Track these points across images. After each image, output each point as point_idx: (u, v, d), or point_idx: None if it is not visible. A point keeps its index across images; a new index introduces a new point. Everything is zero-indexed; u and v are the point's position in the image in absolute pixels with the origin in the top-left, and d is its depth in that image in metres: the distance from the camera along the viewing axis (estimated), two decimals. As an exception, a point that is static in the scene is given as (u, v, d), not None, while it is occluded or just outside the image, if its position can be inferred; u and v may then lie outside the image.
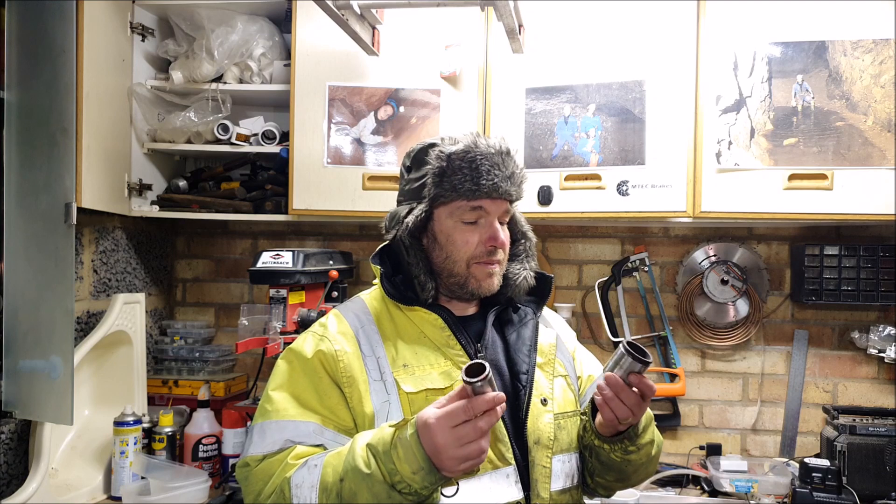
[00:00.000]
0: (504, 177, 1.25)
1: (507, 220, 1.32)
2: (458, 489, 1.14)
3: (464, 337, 1.26)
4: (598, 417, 1.22)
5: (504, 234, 1.29)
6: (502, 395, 1.03)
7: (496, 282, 1.28)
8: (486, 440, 1.04)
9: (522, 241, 1.38)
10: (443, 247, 1.28)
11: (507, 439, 1.20)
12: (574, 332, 1.52)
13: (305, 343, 1.26)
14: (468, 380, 1.01)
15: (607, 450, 1.22)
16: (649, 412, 1.26)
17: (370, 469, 1.05)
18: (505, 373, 1.27)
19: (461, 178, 1.24)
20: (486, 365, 1.03)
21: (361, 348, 1.25)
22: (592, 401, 1.23)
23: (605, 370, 1.17)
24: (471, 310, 1.34)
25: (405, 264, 1.29)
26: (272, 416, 1.20)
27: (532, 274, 1.35)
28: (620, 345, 1.15)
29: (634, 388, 1.14)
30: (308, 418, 1.19)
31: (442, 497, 1.13)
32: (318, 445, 1.18)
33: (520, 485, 1.19)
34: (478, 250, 1.26)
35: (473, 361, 1.05)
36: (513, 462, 1.19)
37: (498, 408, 1.03)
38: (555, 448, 1.24)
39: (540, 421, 1.24)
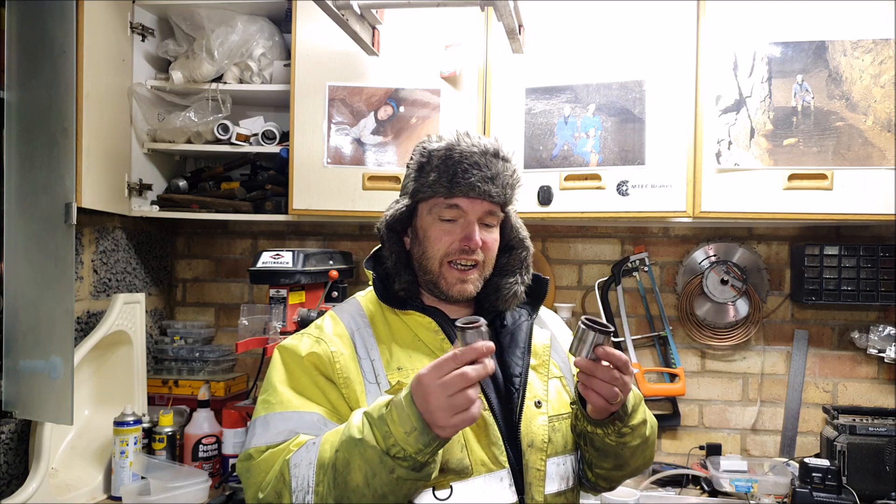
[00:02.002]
0: (484, 177, 1.24)
1: (496, 223, 1.30)
2: (451, 492, 1.13)
3: None
4: (589, 405, 1.20)
5: (488, 237, 1.28)
6: (491, 344, 1.02)
7: (470, 288, 1.26)
8: (475, 391, 1.01)
9: (519, 250, 1.35)
10: (421, 242, 1.28)
11: (500, 442, 1.20)
12: (570, 331, 1.52)
13: (301, 343, 1.26)
14: (461, 325, 1.02)
15: (601, 434, 1.21)
16: (637, 392, 1.25)
17: (362, 434, 1.04)
18: (498, 376, 1.26)
19: (438, 176, 1.25)
20: (481, 318, 1.03)
21: (357, 350, 1.24)
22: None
23: (571, 350, 1.14)
24: (463, 312, 1.33)
25: (384, 258, 1.31)
26: (276, 408, 1.19)
27: (523, 288, 1.33)
28: (580, 322, 1.14)
29: (605, 363, 1.12)
30: (312, 409, 1.19)
31: (435, 498, 1.13)
32: None
33: (514, 488, 1.19)
34: (451, 248, 1.25)
35: (471, 316, 1.05)
36: (506, 465, 1.19)
37: (488, 361, 1.01)
38: (549, 451, 1.23)
39: (533, 423, 1.23)
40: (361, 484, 1.04)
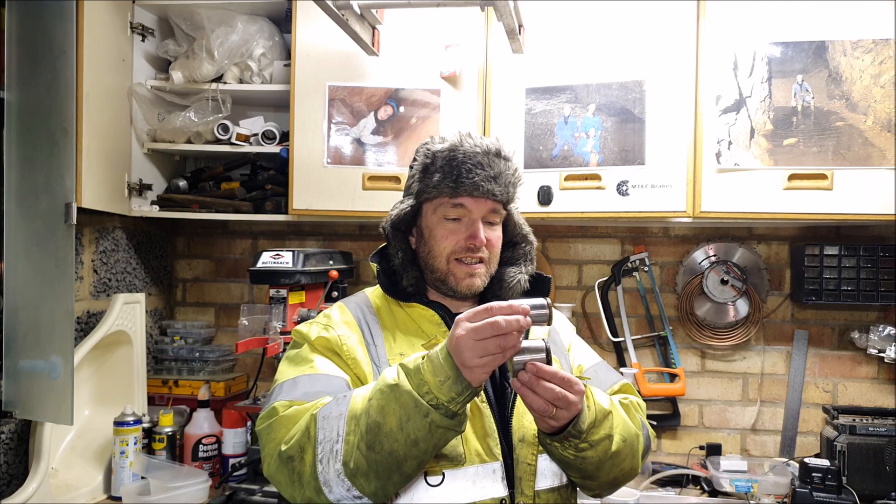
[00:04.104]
0: (487, 176, 1.27)
1: (499, 220, 1.34)
2: (443, 479, 1.15)
3: None
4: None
5: (492, 234, 1.31)
6: (516, 304, 1.04)
7: (478, 283, 1.30)
8: (506, 340, 1.01)
9: (523, 244, 1.40)
10: (426, 241, 1.32)
11: (496, 435, 1.21)
12: (573, 326, 1.52)
13: (310, 329, 1.30)
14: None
15: (558, 447, 1.18)
16: (602, 406, 1.19)
17: (397, 381, 1.05)
18: (494, 371, 1.26)
19: (442, 176, 1.28)
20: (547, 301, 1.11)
21: (364, 336, 1.28)
22: None
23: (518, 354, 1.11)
24: (467, 307, 1.34)
25: (390, 256, 1.34)
26: (306, 371, 1.22)
27: (527, 278, 1.37)
28: (543, 341, 1.13)
29: (550, 383, 1.08)
30: (338, 374, 1.22)
31: (426, 484, 1.15)
32: None
33: (506, 482, 1.20)
34: (457, 246, 1.28)
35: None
36: (500, 458, 1.20)
37: (522, 319, 1.02)
38: (540, 446, 1.23)
39: (525, 418, 1.24)
40: (395, 428, 1.05)
